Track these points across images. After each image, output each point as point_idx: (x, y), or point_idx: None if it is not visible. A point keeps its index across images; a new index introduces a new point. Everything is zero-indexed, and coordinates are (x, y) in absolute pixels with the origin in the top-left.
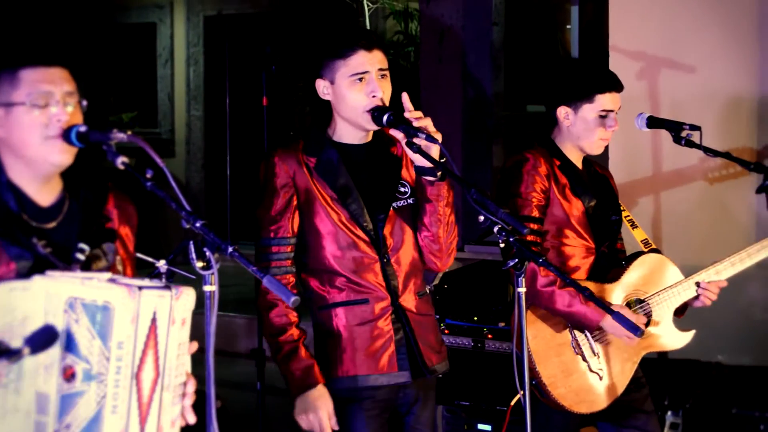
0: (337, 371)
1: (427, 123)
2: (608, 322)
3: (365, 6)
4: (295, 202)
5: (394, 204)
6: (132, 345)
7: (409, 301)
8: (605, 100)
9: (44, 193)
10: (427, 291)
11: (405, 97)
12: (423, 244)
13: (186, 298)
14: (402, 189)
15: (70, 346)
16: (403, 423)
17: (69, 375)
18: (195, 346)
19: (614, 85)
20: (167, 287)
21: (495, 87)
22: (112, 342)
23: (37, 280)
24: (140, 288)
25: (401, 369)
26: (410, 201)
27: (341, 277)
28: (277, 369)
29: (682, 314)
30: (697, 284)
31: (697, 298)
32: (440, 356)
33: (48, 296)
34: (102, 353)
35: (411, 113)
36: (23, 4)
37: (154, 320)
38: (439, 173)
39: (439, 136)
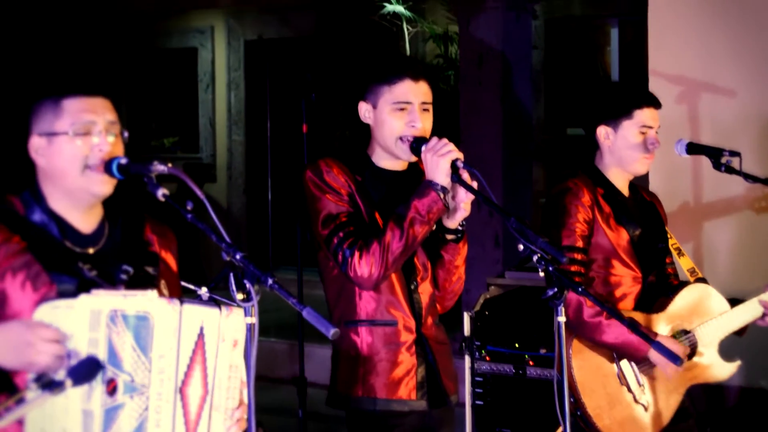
0: (359, 391)
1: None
2: (654, 352)
3: (405, 30)
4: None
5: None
6: (175, 357)
7: (430, 329)
8: (644, 116)
9: (85, 221)
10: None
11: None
12: None
13: (236, 317)
14: None
15: (111, 358)
16: None
17: (111, 388)
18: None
19: (652, 100)
20: (216, 304)
21: (535, 110)
22: (153, 353)
23: (82, 298)
24: (182, 301)
25: (420, 398)
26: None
27: (372, 296)
28: (318, 395)
29: (744, 333)
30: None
31: (762, 318)
32: (455, 384)
33: (92, 313)
34: (143, 364)
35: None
36: (66, 33)
37: (201, 335)
38: (459, 235)
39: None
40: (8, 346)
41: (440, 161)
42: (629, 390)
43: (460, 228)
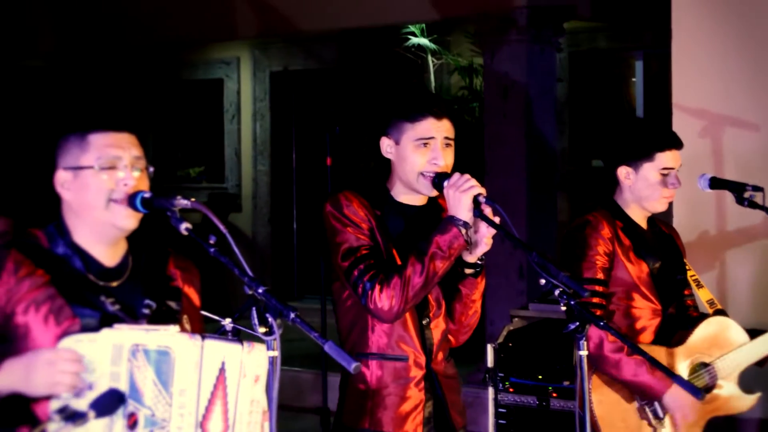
0: (366, 423)
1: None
2: (670, 395)
3: (430, 62)
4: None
5: None
6: (196, 392)
7: (440, 364)
8: (666, 158)
9: (109, 254)
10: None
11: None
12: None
13: (258, 353)
14: None
15: (133, 392)
16: None
17: (132, 422)
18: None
19: (674, 142)
20: (238, 341)
21: (559, 142)
22: (174, 388)
23: (105, 332)
24: (203, 337)
25: None
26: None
27: (384, 331)
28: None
29: (764, 365)
30: None
31: None
32: (464, 418)
33: (114, 347)
34: (164, 399)
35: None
36: (92, 67)
37: (222, 370)
38: (478, 269)
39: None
40: (30, 368)
41: (462, 197)
42: (649, 424)
43: (479, 262)
